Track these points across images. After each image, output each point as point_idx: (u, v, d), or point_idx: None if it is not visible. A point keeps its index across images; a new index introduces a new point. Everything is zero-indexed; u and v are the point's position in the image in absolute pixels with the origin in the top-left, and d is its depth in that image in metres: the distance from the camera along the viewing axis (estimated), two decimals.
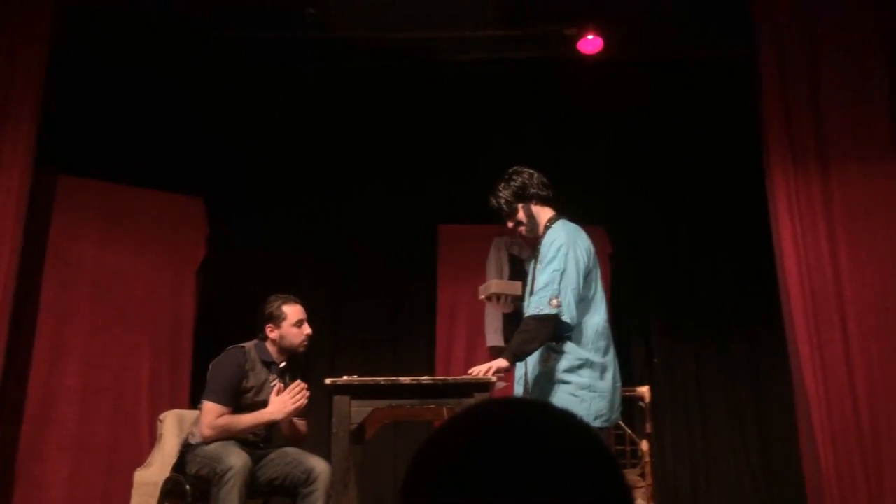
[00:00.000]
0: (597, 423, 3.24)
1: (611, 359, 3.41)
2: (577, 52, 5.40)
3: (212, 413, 3.70)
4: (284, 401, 3.75)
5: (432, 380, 3.80)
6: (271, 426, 3.88)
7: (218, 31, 5.54)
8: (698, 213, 5.93)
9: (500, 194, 3.51)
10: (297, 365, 4.06)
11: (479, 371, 3.40)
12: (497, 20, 5.49)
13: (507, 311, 3.69)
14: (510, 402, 0.95)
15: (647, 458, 4.07)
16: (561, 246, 3.35)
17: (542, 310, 3.26)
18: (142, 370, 4.92)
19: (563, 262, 3.32)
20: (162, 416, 4.45)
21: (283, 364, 3.93)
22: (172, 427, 4.38)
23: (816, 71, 4.40)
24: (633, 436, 4.33)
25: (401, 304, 5.93)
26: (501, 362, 3.39)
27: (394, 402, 3.67)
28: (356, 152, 6.04)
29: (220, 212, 5.47)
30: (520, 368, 3.52)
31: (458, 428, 0.90)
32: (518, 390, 3.51)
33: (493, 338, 5.56)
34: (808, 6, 4.45)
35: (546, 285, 3.29)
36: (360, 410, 3.61)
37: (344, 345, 5.82)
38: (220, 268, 5.43)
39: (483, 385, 3.64)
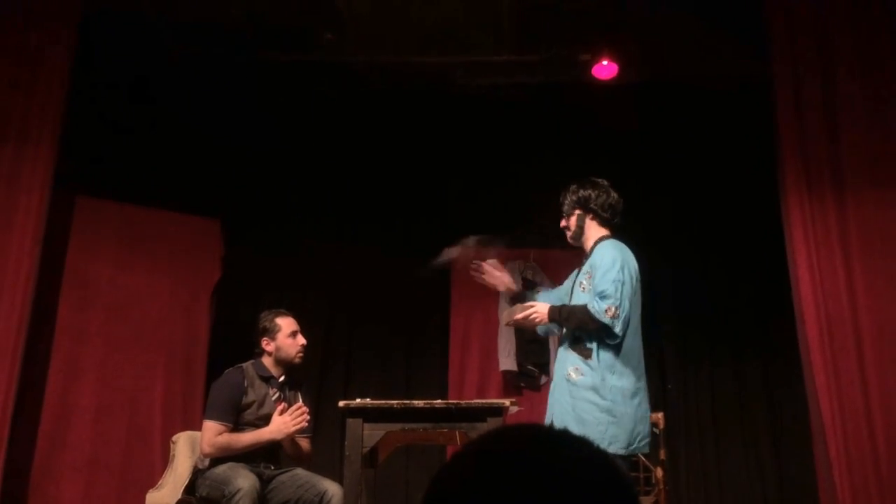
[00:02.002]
0: (610, 449, 3.21)
1: (642, 386, 3.38)
2: (592, 76, 5.42)
3: (211, 431, 3.72)
4: (286, 421, 3.76)
5: (445, 404, 3.80)
6: (276, 446, 3.87)
7: (235, 53, 5.60)
8: (713, 238, 5.91)
9: (568, 194, 3.54)
10: (296, 378, 4.07)
11: (522, 314, 3.40)
12: (512, 45, 5.53)
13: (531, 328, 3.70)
14: (528, 430, 0.95)
15: (661, 486, 4.04)
16: (617, 259, 3.36)
17: (598, 315, 3.26)
18: (156, 391, 4.93)
19: (622, 274, 3.32)
20: (175, 438, 4.46)
21: (281, 378, 3.94)
22: (185, 448, 4.38)
23: (832, 94, 4.38)
24: (648, 463, 4.30)
25: (414, 328, 5.93)
26: (544, 307, 3.40)
27: (407, 426, 3.66)
28: (372, 175, 6.07)
29: (235, 234, 5.50)
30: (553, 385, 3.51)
31: (475, 456, 0.90)
32: (549, 405, 3.49)
33: (506, 362, 5.55)
34: (824, 28, 4.44)
35: (606, 293, 3.28)
36: (372, 434, 3.61)
37: (357, 368, 5.82)
38: (234, 290, 5.45)
39: (496, 409, 3.63)
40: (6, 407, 4.02)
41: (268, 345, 3.92)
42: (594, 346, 3.32)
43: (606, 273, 3.33)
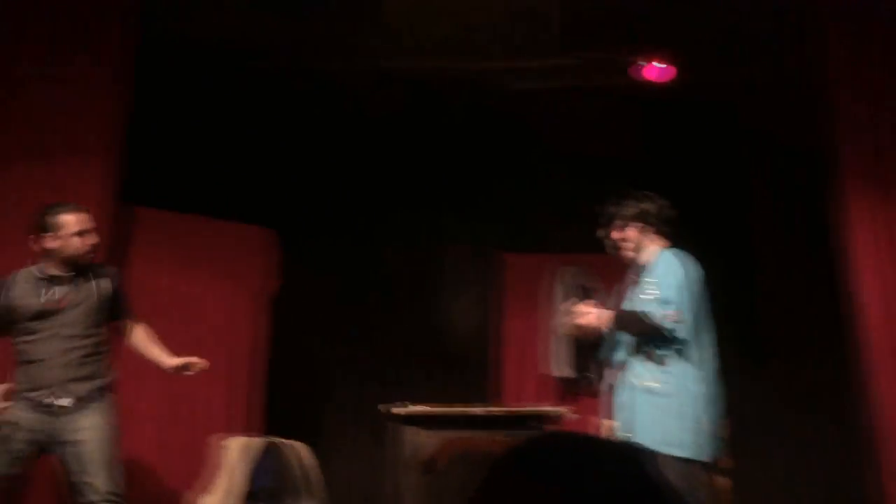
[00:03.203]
0: (699, 456, 3.17)
1: (717, 392, 3.34)
2: (645, 79, 5.37)
3: None
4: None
5: (503, 410, 3.81)
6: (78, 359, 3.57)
7: (283, 65, 5.69)
8: (772, 242, 5.79)
9: (622, 207, 3.52)
10: (99, 274, 3.71)
11: (582, 320, 3.40)
12: (558, 48, 5.51)
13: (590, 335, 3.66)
14: (572, 439, 0.95)
15: (727, 496, 3.96)
16: (678, 266, 3.35)
17: (659, 321, 3.23)
18: (217, 399, 5.01)
19: (683, 280, 3.31)
20: (226, 444, 4.53)
21: (68, 275, 3.59)
22: (238, 455, 4.45)
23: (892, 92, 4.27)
24: (711, 472, 4.21)
25: (468, 333, 5.92)
26: (604, 314, 3.40)
27: (464, 433, 3.68)
28: (422, 182, 6.09)
29: (292, 242, 5.57)
30: (620, 395, 3.46)
31: (516, 464, 0.91)
32: (620, 417, 3.45)
33: (562, 368, 5.51)
34: (881, 23, 4.32)
35: (668, 299, 3.26)
36: (430, 441, 3.64)
37: (412, 374, 5.84)
38: (292, 297, 5.52)
39: (554, 417, 3.62)
40: None
41: (50, 242, 3.52)
42: (667, 353, 3.28)
43: (668, 280, 3.32)
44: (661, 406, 3.25)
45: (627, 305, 3.49)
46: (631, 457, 0.90)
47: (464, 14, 5.09)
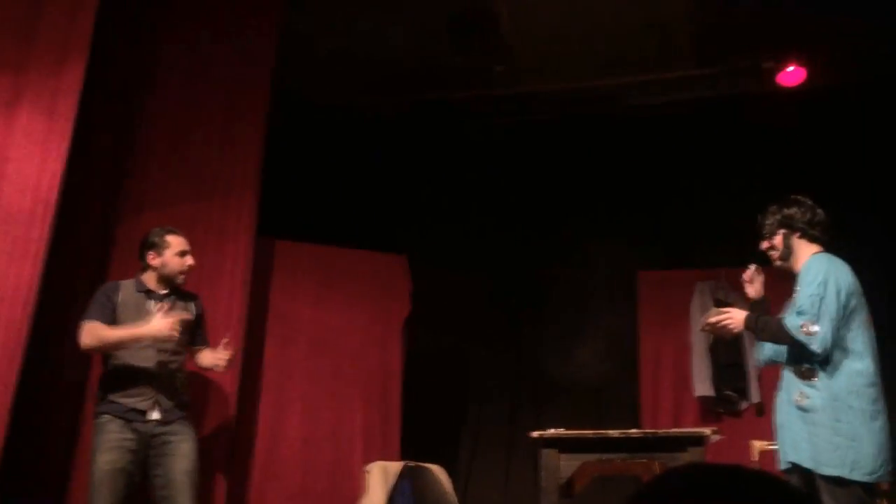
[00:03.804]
0: (854, 476, 3.00)
1: (881, 408, 3.15)
2: (777, 84, 5.17)
3: (85, 327, 3.56)
4: (167, 321, 3.57)
5: (642, 433, 3.71)
6: (174, 379, 3.72)
7: (413, 94, 5.84)
8: None
9: (768, 215, 3.43)
10: (185, 294, 3.88)
11: (716, 317, 3.32)
12: (688, 59, 5.39)
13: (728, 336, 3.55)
14: (724, 472, 0.90)
15: None
16: (819, 273, 3.20)
17: (793, 331, 3.12)
18: (355, 422, 5.14)
19: (822, 288, 3.16)
20: (368, 468, 4.63)
21: (164, 292, 3.77)
22: (378, 478, 4.54)
23: None
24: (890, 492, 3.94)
25: (603, 354, 5.83)
26: (740, 314, 3.30)
27: (603, 456, 3.61)
28: (551, 202, 6.08)
29: (421, 268, 5.67)
30: (777, 414, 3.34)
31: (669, 493, 0.87)
32: (779, 437, 3.32)
33: (702, 387, 5.33)
34: None
35: (802, 309, 3.14)
36: (568, 464, 3.59)
37: (548, 397, 5.80)
38: (424, 322, 5.61)
39: (697, 439, 3.50)
40: (228, 441, 4.34)
41: (153, 259, 3.74)
42: (815, 367, 3.13)
43: (806, 288, 3.17)
44: (810, 422, 3.09)
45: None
46: (776, 489, 0.86)
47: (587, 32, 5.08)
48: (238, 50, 4.78)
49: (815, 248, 3.36)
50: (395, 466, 4.70)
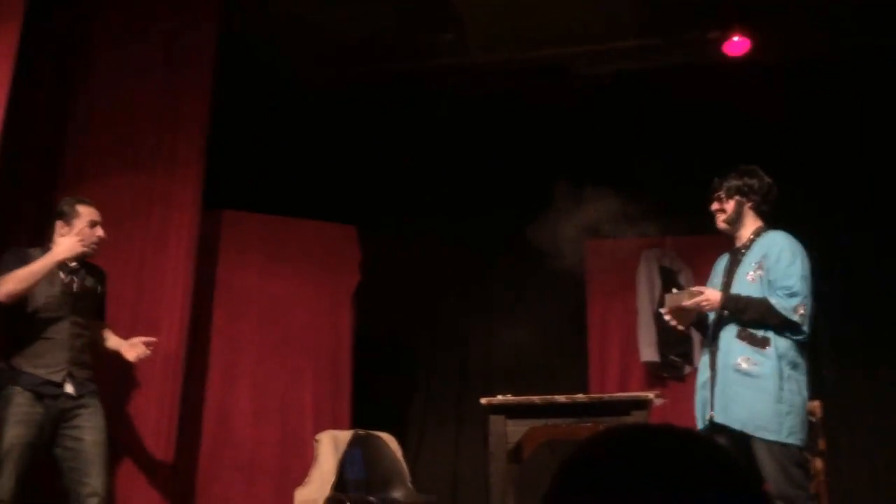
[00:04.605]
0: (790, 440, 3.11)
1: (807, 375, 3.27)
2: (723, 55, 5.23)
3: (1, 280, 3.48)
4: (73, 240, 3.54)
5: (588, 398, 3.77)
6: (87, 349, 3.70)
7: (361, 64, 5.77)
8: (861, 218, 5.56)
9: (727, 179, 3.46)
10: (95, 269, 3.84)
11: (692, 301, 3.30)
12: (634, 30, 5.41)
13: (683, 327, 3.56)
14: (655, 430, 0.92)
15: (821, 477, 3.85)
16: (797, 252, 3.27)
17: (786, 312, 3.17)
18: (305, 394, 5.14)
19: (805, 268, 3.24)
20: (318, 437, 4.65)
21: (73, 265, 3.69)
22: (328, 447, 4.56)
23: None
24: (806, 454, 4.09)
25: (551, 322, 5.90)
26: (715, 295, 3.29)
27: (550, 421, 3.67)
28: (501, 174, 6.09)
29: (371, 239, 5.65)
30: (703, 373, 3.40)
31: (600, 456, 0.89)
32: (701, 396, 3.39)
33: (648, 352, 5.44)
34: None
35: (795, 291, 3.19)
36: (516, 430, 3.63)
37: (497, 365, 5.85)
38: (374, 293, 5.60)
39: (641, 402, 3.57)
40: (173, 412, 4.30)
41: (62, 229, 3.65)
42: (770, 336, 3.20)
43: (790, 267, 3.22)
44: (754, 387, 3.17)
45: (733, 286, 3.38)
46: (714, 451, 0.88)
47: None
48: (182, 15, 4.68)
49: (759, 222, 3.44)
50: (346, 435, 4.72)
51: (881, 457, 5.31)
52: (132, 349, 3.79)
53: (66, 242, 3.56)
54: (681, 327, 3.52)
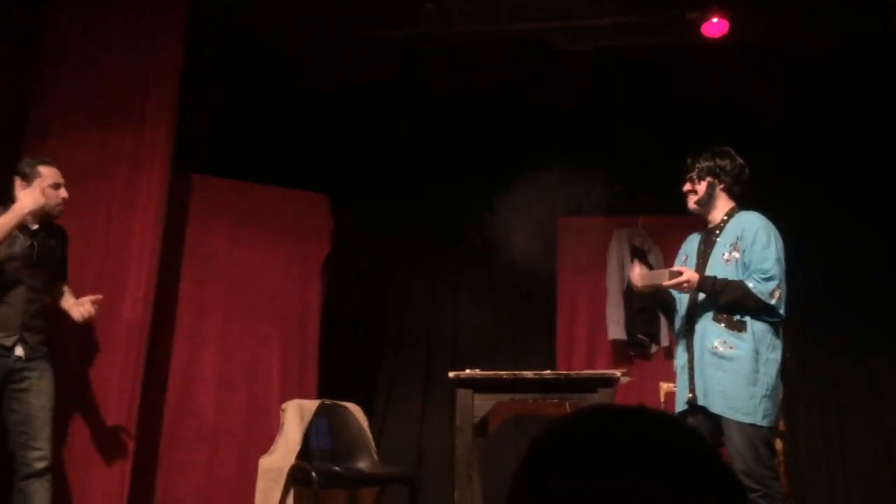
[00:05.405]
0: (763, 423, 3.15)
1: (781, 358, 3.30)
2: (701, 36, 5.22)
3: None
4: (36, 194, 3.51)
5: (555, 374, 3.79)
6: (40, 314, 3.66)
7: (337, 31, 5.68)
8: (833, 204, 5.62)
9: (700, 161, 3.46)
10: (56, 230, 3.80)
11: (672, 280, 3.30)
12: (614, 7, 5.38)
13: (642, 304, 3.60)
14: (627, 412, 0.91)
15: (780, 458, 3.91)
16: (771, 235, 3.28)
17: (763, 296, 3.18)
18: (272, 361, 5.10)
19: (779, 252, 3.25)
20: (284, 406, 4.63)
21: (35, 227, 3.65)
22: (294, 416, 4.54)
23: None
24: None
25: (521, 297, 5.91)
26: (695, 276, 3.29)
27: (517, 397, 3.68)
28: (476, 145, 6.06)
29: (343, 208, 5.60)
30: (682, 356, 3.42)
31: (571, 436, 0.88)
32: (682, 379, 3.41)
33: (615, 330, 5.47)
34: None
35: (771, 274, 3.20)
36: (483, 404, 3.64)
37: (465, 340, 5.86)
38: (344, 262, 5.57)
39: (607, 380, 3.59)
40: (136, 378, 4.25)
41: (22, 188, 3.60)
42: (747, 319, 3.22)
43: (765, 250, 3.23)
44: (730, 370, 3.20)
45: (707, 267, 3.39)
46: (684, 432, 0.87)
47: None
48: None
49: (731, 203, 3.45)
50: (312, 404, 4.70)
51: (839, 437, 5.41)
52: (77, 308, 3.73)
53: (30, 195, 3.51)
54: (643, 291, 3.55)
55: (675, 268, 3.41)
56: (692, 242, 3.57)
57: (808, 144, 5.70)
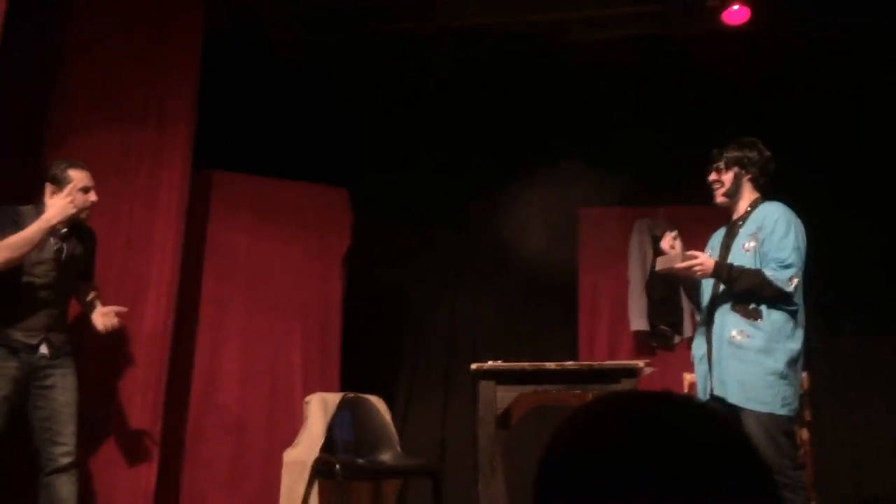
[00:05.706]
0: (783, 412, 3.12)
1: (803, 350, 3.27)
2: (721, 24, 5.16)
3: None
4: (64, 202, 3.50)
5: (578, 365, 3.78)
6: (63, 313, 3.72)
7: (357, 26, 5.69)
8: (855, 193, 5.55)
9: (727, 151, 3.44)
10: (85, 235, 3.81)
11: (685, 263, 3.28)
12: None
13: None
14: (653, 397, 0.91)
15: (806, 448, 3.88)
16: (791, 224, 3.26)
17: (781, 284, 3.16)
18: (294, 355, 5.13)
19: (799, 240, 3.24)
20: (308, 399, 4.65)
21: (63, 231, 3.65)
22: (318, 409, 4.56)
23: None
24: (794, 425, 4.12)
25: (542, 289, 5.89)
26: (710, 261, 3.28)
27: (539, 388, 3.67)
28: (494, 137, 6.04)
29: (363, 202, 5.61)
30: (700, 347, 3.40)
31: (598, 422, 0.87)
32: (700, 370, 3.39)
33: (638, 322, 5.44)
34: None
35: (790, 262, 3.19)
36: (505, 395, 3.64)
37: (487, 331, 5.86)
38: (364, 256, 5.58)
39: (630, 371, 3.58)
40: (160, 374, 4.28)
41: (53, 192, 3.61)
42: (763, 308, 3.20)
43: (784, 239, 3.21)
44: (745, 359, 3.17)
45: (729, 258, 3.36)
46: (707, 416, 0.86)
47: None
48: None
49: (756, 194, 3.42)
50: (335, 397, 4.72)
51: (865, 428, 5.36)
52: (101, 319, 3.76)
53: (58, 204, 3.53)
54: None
55: (690, 252, 3.39)
56: (717, 236, 3.55)
57: (834, 134, 5.62)
